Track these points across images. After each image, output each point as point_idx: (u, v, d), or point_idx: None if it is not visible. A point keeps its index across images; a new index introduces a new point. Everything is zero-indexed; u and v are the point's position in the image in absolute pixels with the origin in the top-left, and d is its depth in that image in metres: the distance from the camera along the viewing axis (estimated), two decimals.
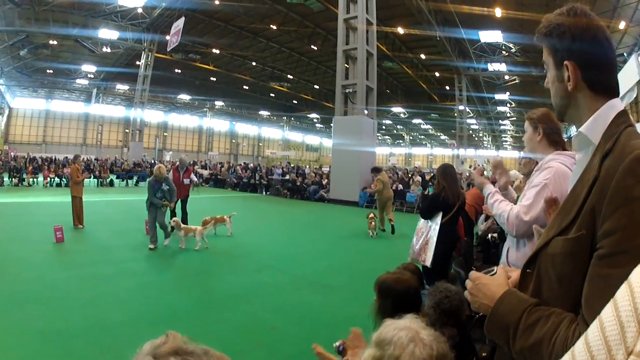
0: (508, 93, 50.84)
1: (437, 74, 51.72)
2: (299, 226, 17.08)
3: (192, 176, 14.51)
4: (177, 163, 14.68)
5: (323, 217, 20.53)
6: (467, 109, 51.87)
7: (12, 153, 47.37)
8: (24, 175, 31.67)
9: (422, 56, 46.59)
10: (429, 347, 1.72)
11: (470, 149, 65.01)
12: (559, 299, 1.41)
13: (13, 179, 31.15)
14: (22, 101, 73.91)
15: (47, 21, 43.09)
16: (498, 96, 52.19)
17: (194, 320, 6.32)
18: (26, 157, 39.84)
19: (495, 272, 1.69)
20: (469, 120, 57.62)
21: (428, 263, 6.17)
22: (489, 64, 43.01)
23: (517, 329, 1.40)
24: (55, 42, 48.97)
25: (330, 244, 12.06)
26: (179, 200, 13.44)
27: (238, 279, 8.61)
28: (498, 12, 31.63)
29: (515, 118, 63.38)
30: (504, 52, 40.90)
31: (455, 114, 51.00)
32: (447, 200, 6.44)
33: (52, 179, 30.85)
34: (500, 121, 68.60)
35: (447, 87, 51.58)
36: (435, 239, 6.29)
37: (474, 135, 75.91)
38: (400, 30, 39.48)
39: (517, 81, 47.00)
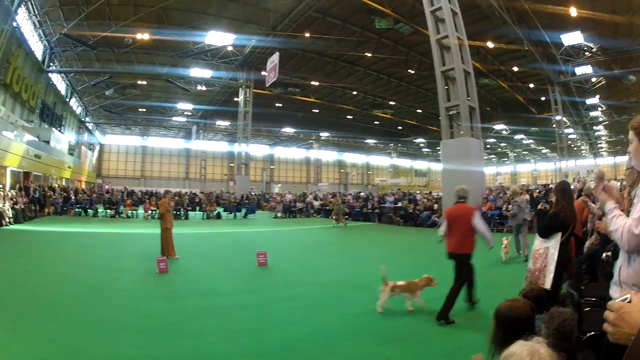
0: (598, 96, 49.38)
1: (531, 85, 50.61)
2: (413, 254, 16.45)
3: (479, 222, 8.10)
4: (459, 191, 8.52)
5: (436, 244, 19.59)
6: (564, 119, 50.34)
7: (106, 186, 50.09)
8: (122, 208, 32.78)
9: (515, 68, 46.07)
10: None
11: (570, 160, 63.04)
12: None
13: (109, 211, 32.30)
14: (114, 138, 79.44)
15: (130, 62, 45.19)
16: (589, 101, 50.54)
17: (306, 352, 5.99)
18: (123, 190, 41.49)
19: (630, 299, 1.63)
20: (566, 130, 55.50)
21: (548, 286, 5.89)
22: (575, 68, 42.55)
23: None
24: (144, 82, 51.12)
25: (446, 272, 11.45)
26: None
27: (353, 310, 8.11)
28: (573, 11, 31.32)
29: (607, 122, 61.40)
30: (587, 54, 40.29)
31: (554, 125, 49.68)
32: (565, 220, 6.30)
33: (154, 212, 30.86)
34: (594, 127, 66.71)
35: (542, 98, 50.07)
36: (555, 260, 6.08)
37: (572, 145, 73.49)
38: (490, 44, 39.33)
39: (603, 82, 45.98)
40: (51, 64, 42.20)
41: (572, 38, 36.12)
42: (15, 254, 14.02)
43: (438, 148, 26.88)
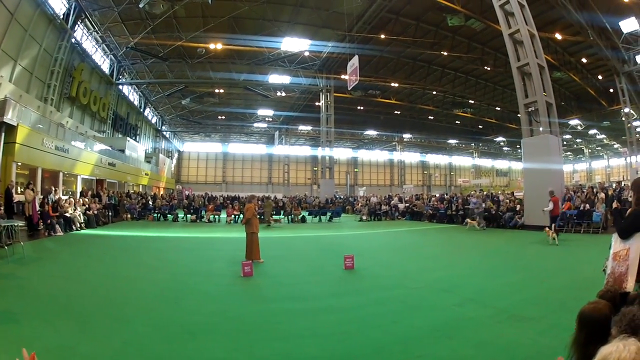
0: None
1: (600, 77, 49.36)
2: (496, 256, 16.13)
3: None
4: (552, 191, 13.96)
5: (518, 246, 19.19)
6: (631, 111, 47.51)
7: (185, 192, 51.72)
8: (203, 213, 33.14)
9: (584, 60, 45.31)
10: (634, 353, 2.26)
11: None
12: None
13: (189, 216, 32.74)
14: (193, 145, 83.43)
15: (205, 71, 46.46)
16: None
17: (395, 356, 6.00)
18: (204, 196, 42.57)
19: None
20: (634, 123, 52.69)
21: (631, 288, 5.43)
22: (637, 56, 40.91)
23: None
24: (222, 91, 52.60)
25: (527, 274, 11.30)
26: None
27: (440, 313, 8.11)
28: None
29: None
30: None
31: (623, 118, 47.31)
32: None
33: (237, 216, 31.48)
34: None
35: (611, 90, 48.53)
36: (637, 262, 5.57)
37: None
38: (558, 36, 38.76)
39: None
40: (120, 77, 44.65)
41: (629, 25, 35.64)
42: (87, 257, 14.36)
43: (518, 147, 26.51)
